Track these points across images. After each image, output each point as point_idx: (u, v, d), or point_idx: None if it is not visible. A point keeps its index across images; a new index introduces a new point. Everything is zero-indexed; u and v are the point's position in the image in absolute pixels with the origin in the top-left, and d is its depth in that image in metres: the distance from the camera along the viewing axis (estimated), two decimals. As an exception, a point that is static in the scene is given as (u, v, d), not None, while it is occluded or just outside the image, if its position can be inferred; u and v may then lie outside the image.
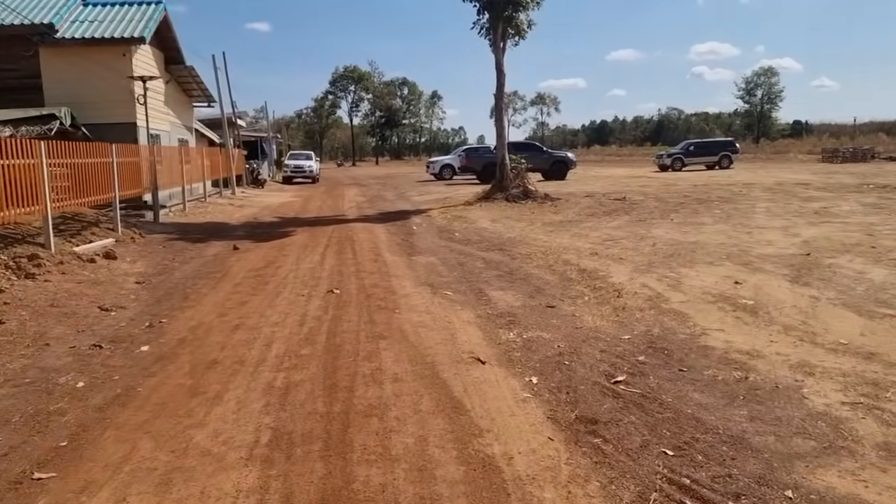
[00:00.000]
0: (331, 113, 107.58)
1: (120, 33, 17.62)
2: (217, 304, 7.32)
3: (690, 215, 14.43)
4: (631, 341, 5.50)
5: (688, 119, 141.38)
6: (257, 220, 17.27)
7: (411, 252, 10.81)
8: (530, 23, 19.97)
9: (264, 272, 9.23)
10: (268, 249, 11.56)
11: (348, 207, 20.57)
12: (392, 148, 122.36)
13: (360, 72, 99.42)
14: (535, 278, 8.32)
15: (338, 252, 10.97)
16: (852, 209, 14.47)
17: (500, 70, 19.84)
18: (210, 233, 14.27)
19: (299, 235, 13.43)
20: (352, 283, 8.32)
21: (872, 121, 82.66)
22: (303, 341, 5.73)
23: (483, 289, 7.77)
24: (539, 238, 11.89)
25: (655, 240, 11.03)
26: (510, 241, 11.58)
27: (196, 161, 22.02)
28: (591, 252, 10.03)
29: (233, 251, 11.44)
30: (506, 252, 10.46)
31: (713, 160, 39.58)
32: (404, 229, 14.09)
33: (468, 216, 16.03)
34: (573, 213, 15.99)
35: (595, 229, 12.78)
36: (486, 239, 12.06)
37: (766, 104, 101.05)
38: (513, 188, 19.62)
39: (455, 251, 10.72)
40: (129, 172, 14.49)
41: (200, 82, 23.00)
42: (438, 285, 8.03)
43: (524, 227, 13.69)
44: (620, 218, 14.51)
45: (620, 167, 50.71)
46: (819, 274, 7.69)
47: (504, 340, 5.65)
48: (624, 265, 8.85)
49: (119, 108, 17.85)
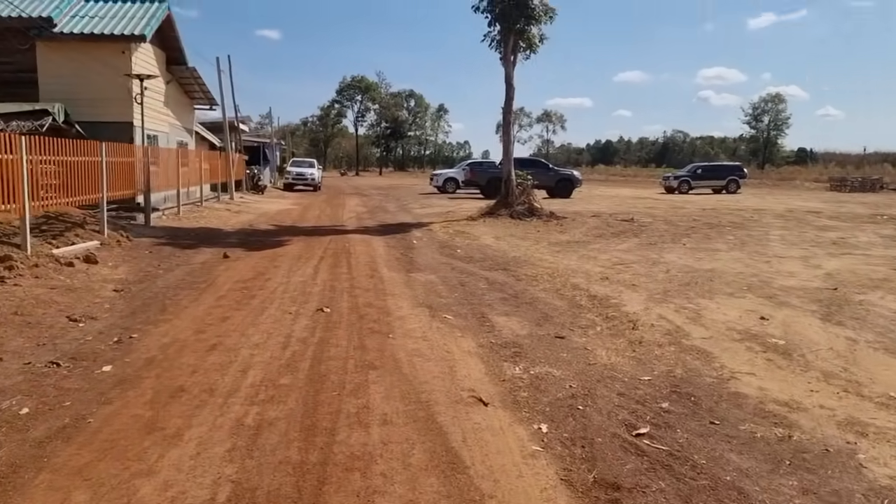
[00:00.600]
0: (336, 122, 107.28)
1: (120, 30, 17.10)
2: (196, 319, 6.71)
3: (703, 241, 13.84)
4: (652, 383, 4.89)
5: (693, 142, 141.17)
6: (252, 227, 16.68)
7: (410, 268, 10.21)
8: (542, 37, 19.50)
9: (252, 284, 8.62)
10: (259, 259, 10.96)
11: (348, 218, 19.99)
12: (396, 159, 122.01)
13: (368, 82, 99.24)
14: (542, 303, 7.71)
15: (332, 265, 10.37)
16: (871, 241, 13.87)
17: (510, 84, 19.33)
18: (201, 239, 13.67)
19: (294, 245, 12.83)
20: (344, 300, 7.71)
21: (878, 151, 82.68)
22: (284, 368, 5.11)
23: (486, 313, 7.17)
24: (545, 259, 11.29)
25: (668, 266, 10.42)
26: (515, 261, 10.98)
27: (194, 164, 21.47)
28: (602, 276, 9.43)
29: (222, 259, 10.85)
30: (510, 272, 9.86)
31: (720, 184, 39.02)
32: (404, 243, 13.49)
33: (471, 232, 15.44)
34: (580, 233, 15.40)
35: (604, 252, 12.18)
36: (489, 257, 11.46)
37: (773, 130, 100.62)
38: (518, 205, 19.05)
39: (456, 269, 10.12)
40: (120, 173, 13.92)
41: (202, 84, 22.49)
42: (437, 307, 7.42)
43: (529, 245, 13.09)
44: (630, 240, 13.91)
45: (625, 187, 50.18)
46: (851, 312, 7.08)
47: (509, 376, 5.04)
48: (637, 293, 8.24)
49: (116, 107, 17.31)
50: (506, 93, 19.41)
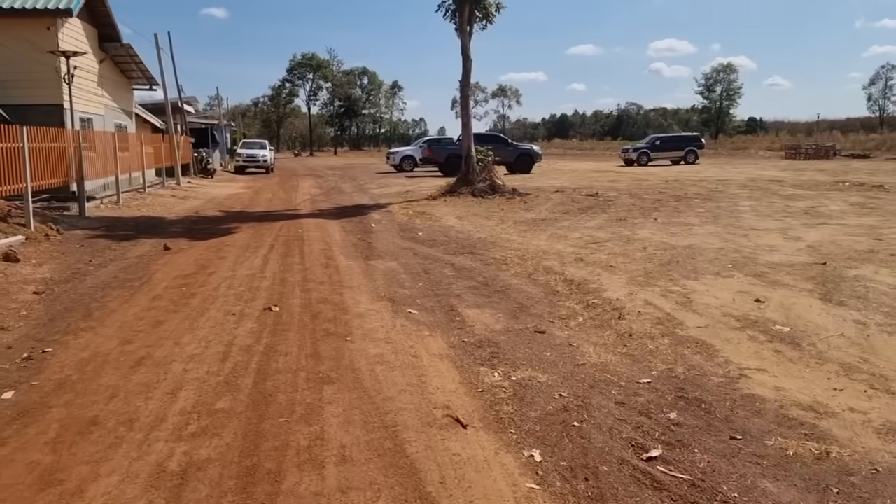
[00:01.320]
0: (288, 101, 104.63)
1: (43, 4, 15.71)
2: (124, 326, 5.83)
3: (673, 214, 13.33)
4: (653, 388, 4.24)
5: (647, 114, 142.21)
6: (199, 214, 15.62)
7: (369, 255, 9.41)
8: (498, 5, 18.70)
9: (193, 280, 7.73)
10: (203, 250, 10.03)
11: (301, 200, 19.01)
12: (351, 138, 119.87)
13: (319, 60, 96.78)
14: (515, 291, 7.02)
15: (284, 254, 9.51)
16: (842, 209, 13.54)
17: (467, 56, 18.48)
18: (141, 229, 12.62)
19: (242, 233, 11.90)
20: (296, 296, 6.89)
21: (824, 119, 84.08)
22: (222, 387, 4.31)
23: (455, 305, 6.44)
24: (513, 239, 10.61)
25: (644, 243, 9.84)
26: (481, 243, 10.27)
27: (135, 148, 20.15)
28: (576, 257, 8.78)
29: (162, 252, 9.90)
30: (477, 256, 9.15)
31: (679, 155, 38.96)
32: (362, 227, 12.67)
33: (432, 212, 14.67)
34: (546, 209, 14.76)
35: (573, 229, 11.55)
36: (453, 239, 10.73)
37: (725, 100, 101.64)
38: (479, 182, 18.32)
39: (419, 255, 9.36)
40: (48, 160, 12.74)
41: (140, 63, 21.05)
42: (401, 300, 6.67)
43: (494, 225, 12.40)
44: (598, 216, 13.32)
45: (584, 161, 49.89)
46: (850, 290, 6.55)
47: (488, 385, 4.33)
48: (617, 275, 7.61)
49: (43, 88, 15.98)
50: (462, 65, 18.57)
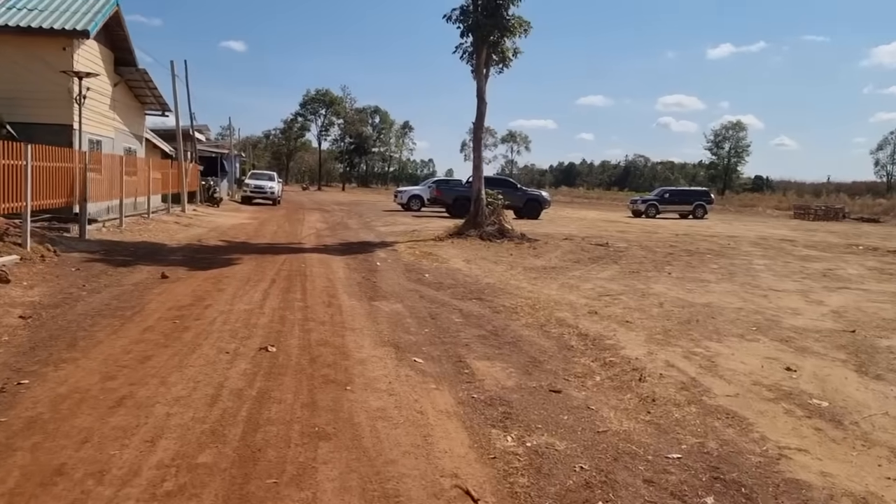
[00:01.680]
0: (299, 135, 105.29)
1: (61, 25, 15.68)
2: (109, 360, 5.44)
3: (687, 269, 12.96)
4: (684, 465, 3.82)
5: (654, 167, 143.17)
6: (201, 242, 15.31)
7: (373, 296, 9.04)
8: (516, 50, 18.63)
9: (187, 313, 7.36)
10: (202, 281, 9.67)
11: (306, 235, 18.72)
12: (360, 175, 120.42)
13: (332, 96, 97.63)
14: (526, 343, 6.62)
15: (285, 290, 9.14)
16: (861, 274, 13.17)
17: (482, 98, 18.37)
18: (140, 255, 12.29)
19: (244, 265, 11.55)
20: (294, 336, 6.50)
21: (831, 181, 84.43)
22: (207, 437, 3.91)
23: (463, 356, 6.04)
24: (523, 287, 10.24)
25: (660, 298, 9.45)
26: (490, 289, 9.90)
27: (142, 173, 19.98)
28: (589, 310, 8.39)
29: (159, 280, 9.54)
30: (486, 303, 8.77)
31: (688, 209, 38.76)
32: (367, 265, 12.32)
33: (439, 254, 14.33)
34: (555, 257, 14.42)
35: (585, 280, 11.18)
36: (461, 283, 10.36)
37: (733, 157, 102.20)
38: (488, 225, 18.02)
39: (426, 298, 8.98)
40: (52, 179, 12.53)
41: (154, 88, 21.04)
42: (406, 347, 6.27)
43: (503, 271, 12.04)
44: (610, 267, 12.96)
45: (591, 210, 49.76)
46: (886, 363, 6.14)
47: (500, 451, 3.92)
48: (634, 332, 7.21)
49: (53, 108, 15.85)
50: (477, 107, 18.44)
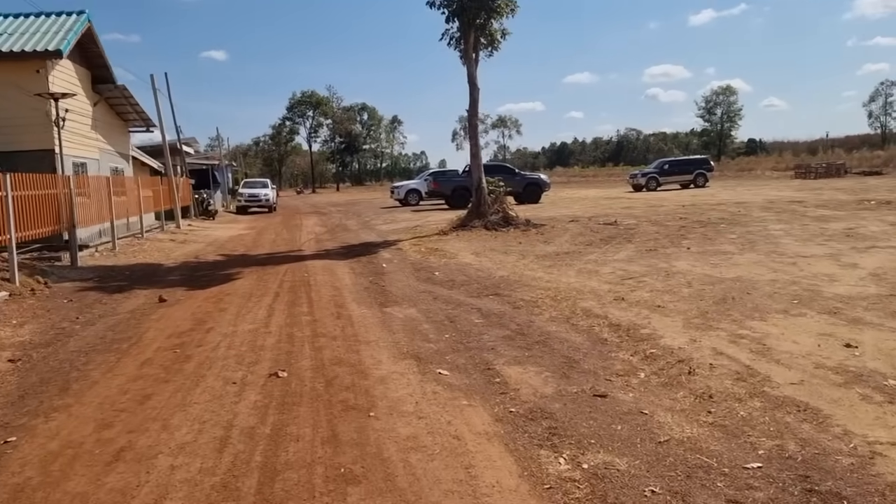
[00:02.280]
0: (289, 139, 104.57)
1: (32, 47, 15.08)
2: (105, 403, 4.93)
3: (705, 242, 12.45)
4: (767, 475, 3.31)
5: (646, 139, 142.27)
6: (199, 259, 14.79)
7: (384, 301, 8.53)
8: (503, 31, 18.07)
9: (189, 339, 6.85)
10: (202, 301, 9.16)
11: (306, 240, 18.20)
12: (353, 174, 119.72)
13: (318, 97, 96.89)
14: (556, 340, 6.12)
15: (290, 303, 8.63)
16: (884, 231, 12.66)
17: (473, 84, 17.80)
18: (136, 278, 11.78)
19: (245, 279, 11.04)
20: (305, 356, 6.00)
21: (823, 138, 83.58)
22: (217, 493, 3.39)
23: (491, 362, 5.53)
24: (539, 276, 9.73)
25: (686, 276, 8.95)
26: (505, 283, 9.39)
27: (132, 192, 19.44)
28: (615, 296, 7.88)
29: (157, 304, 9.04)
30: (504, 298, 8.26)
31: (688, 179, 38.21)
32: (372, 267, 11.81)
33: (446, 248, 13.82)
34: (566, 241, 13.90)
35: (602, 263, 10.67)
36: (473, 279, 9.85)
37: (726, 122, 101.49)
38: (491, 214, 17.50)
39: (440, 298, 8.47)
40: (36, 208, 12.02)
41: (136, 104, 20.44)
42: (427, 357, 5.76)
43: (515, 261, 11.53)
44: (624, 247, 12.45)
45: (590, 188, 49.24)
46: (951, 327, 5.64)
47: (555, 477, 3.41)
48: (669, 317, 6.70)
49: (33, 134, 15.27)
50: (469, 94, 17.88)
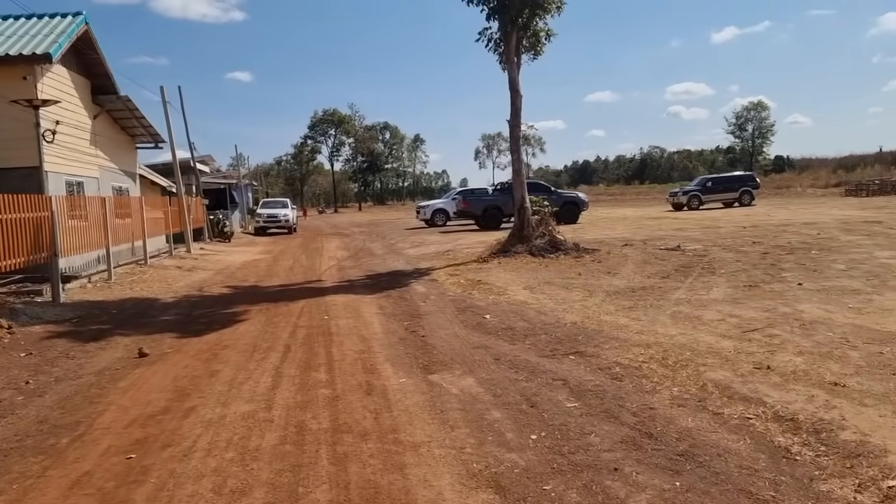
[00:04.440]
0: (311, 159, 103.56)
1: (18, 50, 13.31)
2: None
3: (810, 275, 10.16)
4: None
5: (670, 157, 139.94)
6: (202, 291, 12.78)
7: (428, 361, 6.39)
8: (549, 32, 16.02)
9: (156, 431, 4.76)
10: (191, 357, 7.09)
11: (327, 268, 16.15)
12: (375, 193, 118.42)
13: (340, 115, 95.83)
14: (709, 451, 3.92)
15: (303, 364, 6.53)
16: None
17: (515, 89, 15.70)
18: (123, 319, 9.78)
19: (251, 323, 8.98)
20: (321, 477, 3.85)
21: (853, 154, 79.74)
22: None
23: (625, 502, 3.36)
24: (623, 324, 7.53)
25: (830, 328, 6.69)
26: (582, 333, 7.20)
27: (137, 214, 17.59)
28: (753, 362, 5.65)
29: (134, 361, 7.02)
30: (591, 360, 6.07)
31: (733, 197, 35.77)
32: (405, 305, 9.71)
33: (490, 281, 11.67)
34: (633, 272, 11.69)
35: (698, 304, 8.44)
36: (537, 326, 7.69)
37: (758, 139, 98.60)
38: (536, 238, 15.31)
39: (503, 359, 6.31)
40: (19, 233, 10.26)
41: (142, 118, 18.61)
42: (516, 489, 3.59)
43: (582, 300, 9.35)
44: (712, 281, 10.20)
45: (623, 207, 46.89)
46: None
47: None
48: (866, 405, 4.47)
49: (19, 149, 13.42)
50: (511, 102, 15.76)
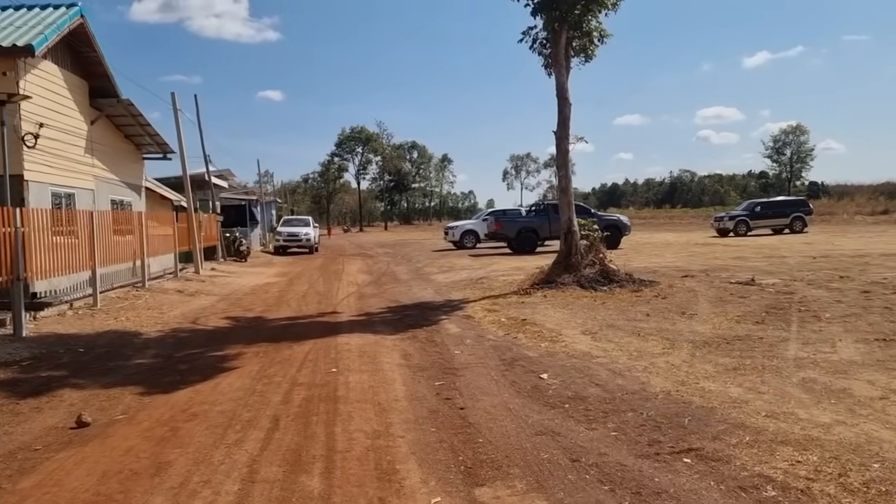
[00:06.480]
0: (338, 176, 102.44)
1: (-2, 43, 11.70)
2: None
3: (953, 325, 7.96)
4: None
5: (701, 181, 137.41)
6: (196, 324, 10.88)
7: (472, 458, 4.36)
8: (602, 33, 14.06)
9: None
10: (141, 435, 5.13)
11: (344, 296, 14.21)
12: (401, 212, 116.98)
13: (368, 133, 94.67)
14: None
15: (291, 460, 4.52)
16: None
17: (564, 97, 13.71)
18: (85, 363, 7.89)
19: (239, 374, 7.02)
20: None
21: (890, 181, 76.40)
22: None
23: None
24: (738, 398, 5.42)
25: None
26: (687, 412, 5.10)
27: (136, 230, 15.87)
28: None
29: (67, 435, 5.11)
30: (720, 470, 3.99)
31: (784, 223, 33.31)
32: (436, 354, 7.71)
33: (538, 320, 9.61)
34: (710, 313, 9.55)
35: (830, 368, 6.29)
36: (617, 396, 5.62)
37: (796, 163, 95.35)
38: (585, 267, 13.24)
39: (583, 461, 4.24)
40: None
41: (146, 124, 16.89)
42: None
43: (663, 352, 7.25)
44: (829, 332, 8.02)
45: (659, 231, 44.53)
46: None
47: None
48: None
49: (-3, 155, 11.77)
50: (559, 109, 13.76)
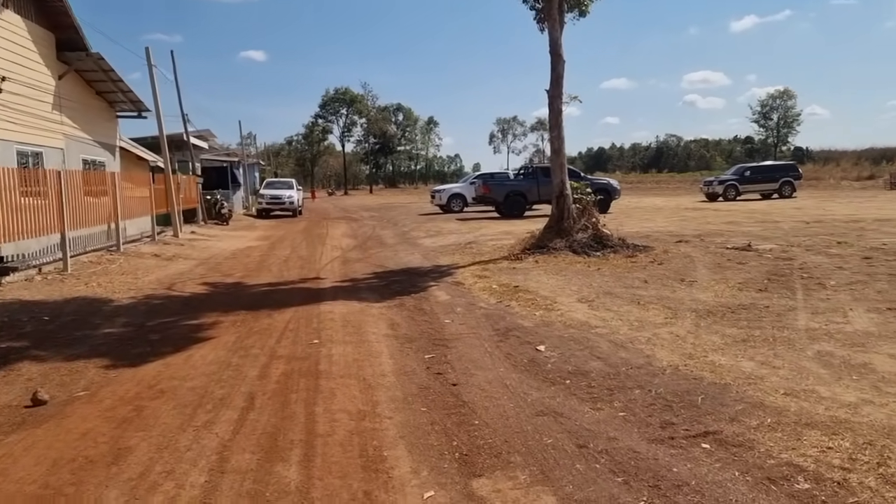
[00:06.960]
0: (322, 139, 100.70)
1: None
2: None
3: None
4: None
5: (687, 146, 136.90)
6: (171, 290, 10.35)
7: (467, 443, 3.93)
8: (598, -13, 13.42)
9: None
10: (101, 415, 4.66)
11: (328, 261, 13.69)
12: (387, 176, 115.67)
13: (353, 94, 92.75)
14: None
15: (266, 446, 4.07)
16: None
17: (557, 53, 13.10)
18: (49, 332, 7.37)
19: (213, 345, 6.54)
20: None
21: (874, 146, 76.36)
22: None
23: None
24: (753, 374, 5.02)
25: None
26: (699, 389, 4.70)
27: (110, 191, 15.19)
28: None
29: (23, 411, 4.64)
30: (744, 457, 3.59)
31: (772, 188, 33.08)
32: (425, 323, 7.26)
33: (531, 287, 9.18)
34: (710, 279, 9.16)
35: (845, 340, 5.91)
36: (622, 371, 5.21)
37: (783, 128, 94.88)
38: (577, 231, 12.80)
39: (591, 447, 3.82)
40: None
41: (118, 80, 16.05)
42: None
43: (665, 322, 6.85)
44: (837, 300, 7.65)
45: (647, 196, 44.19)
46: None
47: None
48: None
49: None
50: (552, 67, 13.16)
